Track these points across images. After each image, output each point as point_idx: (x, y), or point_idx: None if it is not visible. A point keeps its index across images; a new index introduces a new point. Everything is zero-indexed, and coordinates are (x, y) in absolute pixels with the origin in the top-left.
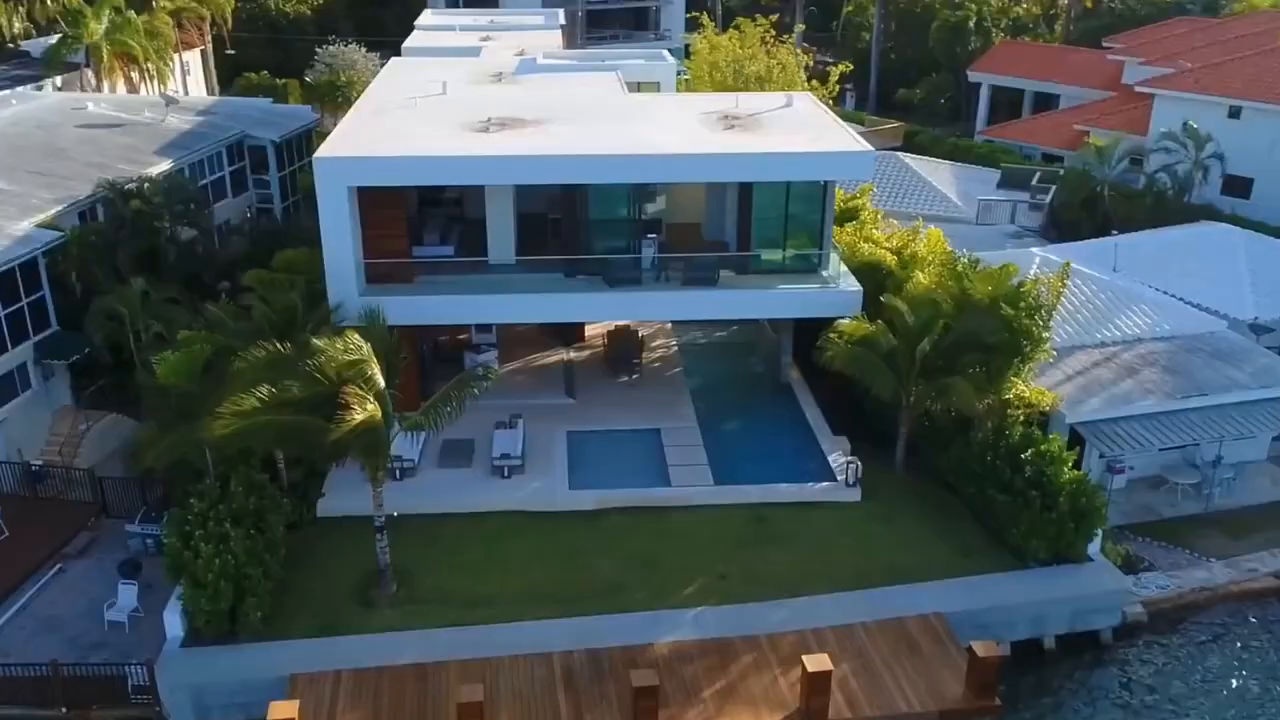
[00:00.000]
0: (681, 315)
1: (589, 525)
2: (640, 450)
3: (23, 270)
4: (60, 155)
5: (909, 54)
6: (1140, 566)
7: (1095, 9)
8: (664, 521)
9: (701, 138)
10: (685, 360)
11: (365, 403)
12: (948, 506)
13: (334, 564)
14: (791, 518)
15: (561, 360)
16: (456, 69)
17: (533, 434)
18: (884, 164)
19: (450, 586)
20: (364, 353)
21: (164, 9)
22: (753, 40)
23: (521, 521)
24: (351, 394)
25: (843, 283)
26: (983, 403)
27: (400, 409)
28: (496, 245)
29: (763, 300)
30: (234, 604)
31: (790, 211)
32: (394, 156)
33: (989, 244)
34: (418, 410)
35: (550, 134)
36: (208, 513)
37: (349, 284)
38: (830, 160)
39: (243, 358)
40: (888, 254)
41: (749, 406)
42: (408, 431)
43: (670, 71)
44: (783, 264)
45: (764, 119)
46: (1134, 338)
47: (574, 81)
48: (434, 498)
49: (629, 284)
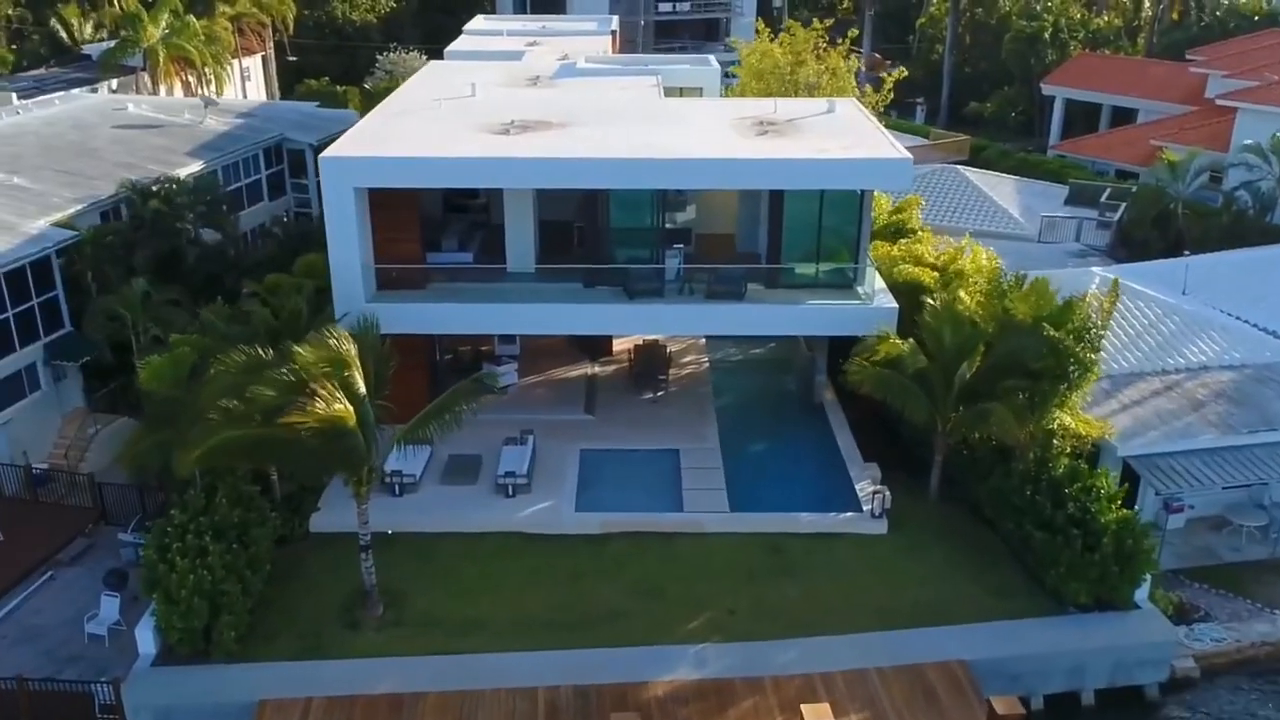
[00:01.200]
0: (704, 330)
1: (593, 550)
2: (655, 472)
3: (34, 269)
4: (91, 155)
5: (982, 67)
6: (1194, 616)
7: (1182, 21)
8: (673, 548)
9: (730, 143)
10: (715, 378)
11: (334, 401)
12: (983, 542)
13: (323, 582)
14: (810, 549)
15: (585, 375)
16: (493, 72)
17: (545, 451)
18: (942, 177)
19: (441, 610)
20: (344, 355)
21: (224, 14)
22: (803, 46)
23: (522, 543)
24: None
25: (877, 300)
26: (1023, 431)
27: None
28: (516, 253)
29: (791, 316)
30: (208, 622)
31: (824, 223)
32: (399, 157)
33: (1049, 263)
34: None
35: (571, 137)
36: (188, 525)
37: (355, 289)
38: (863, 168)
39: (221, 362)
40: (927, 271)
41: (777, 428)
42: (400, 445)
43: (714, 76)
44: (815, 278)
45: (802, 125)
46: (1200, 365)
47: (610, 85)
48: (432, 515)
49: (650, 296)
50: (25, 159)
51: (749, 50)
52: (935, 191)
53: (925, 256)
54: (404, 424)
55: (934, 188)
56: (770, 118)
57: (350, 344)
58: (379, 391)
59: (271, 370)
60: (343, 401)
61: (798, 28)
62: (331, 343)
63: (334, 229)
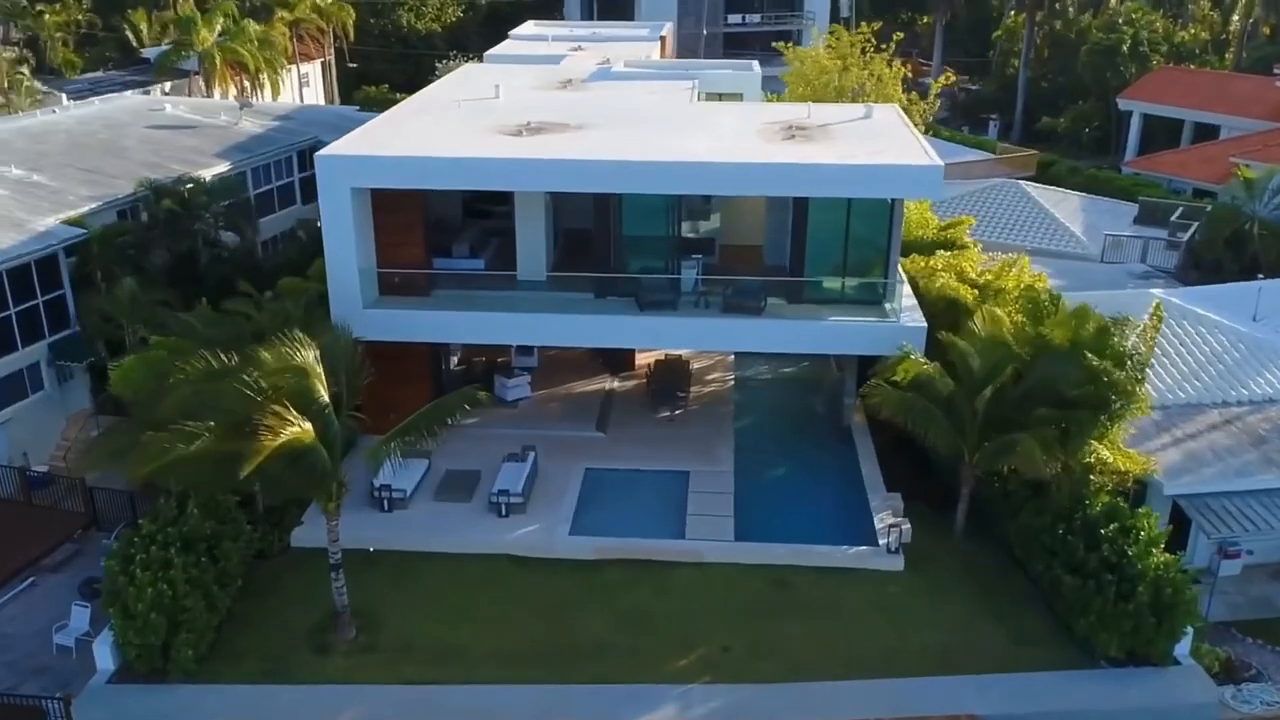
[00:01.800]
0: (719, 346)
1: (584, 577)
2: (661, 495)
3: (39, 267)
4: (117, 154)
5: (1060, 81)
6: (1244, 674)
7: (1274, 36)
8: (669, 578)
9: (752, 148)
10: (739, 396)
11: (285, 424)
12: (1011, 585)
13: (299, 600)
14: (818, 585)
15: (603, 390)
16: (526, 75)
17: (548, 469)
18: (1001, 193)
19: (417, 635)
20: (302, 363)
21: (282, 20)
22: (848, 51)
23: (510, 567)
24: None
25: (904, 317)
26: (1051, 465)
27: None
28: (526, 260)
29: (811, 334)
30: (166, 639)
31: (851, 233)
32: (396, 156)
33: (1109, 284)
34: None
35: (584, 139)
36: (156, 535)
37: (352, 294)
38: (888, 174)
39: (181, 369)
40: (963, 288)
41: (798, 452)
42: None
43: (754, 82)
44: (841, 294)
45: (834, 130)
46: (1266, 399)
47: (641, 90)
48: (419, 534)
49: (663, 308)
50: (50, 156)
51: (795, 56)
52: (993, 207)
53: (968, 272)
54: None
55: (992, 203)
56: (802, 123)
57: (310, 351)
58: (350, 402)
59: (232, 378)
60: (297, 420)
61: (842, 32)
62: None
63: (330, 231)
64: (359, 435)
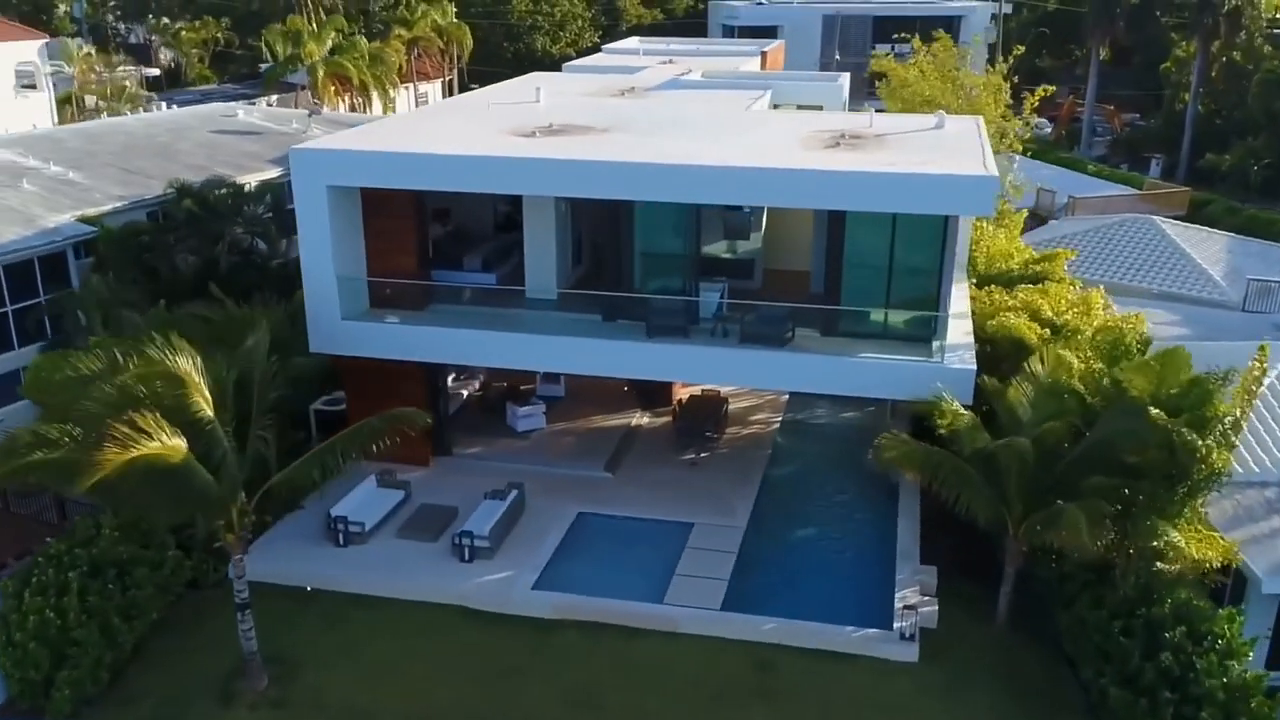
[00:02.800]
0: (732, 381)
1: (538, 639)
2: (654, 548)
3: (44, 264)
4: (168, 156)
5: (1236, 116)
6: None
7: None
8: (633, 649)
9: (786, 155)
10: (782, 441)
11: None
12: (1054, 691)
13: (221, 640)
14: (809, 671)
15: (627, 426)
16: (588, 83)
17: (538, 509)
18: (1129, 229)
19: (333, 692)
20: (177, 370)
21: (399, 38)
22: (942, 64)
23: (458, 620)
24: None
25: (948, 357)
26: (1098, 542)
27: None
28: (536, 275)
29: (836, 371)
30: (51, 673)
31: (895, 256)
32: (372, 152)
33: (1246, 335)
34: (428, 465)
35: (600, 142)
36: (62, 556)
37: (329, 304)
38: (925, 185)
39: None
40: (1025, 324)
41: (828, 510)
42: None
43: (836, 93)
44: (885, 327)
45: (891, 140)
46: None
47: (702, 98)
48: (368, 574)
49: (672, 335)
50: (98, 156)
51: (885, 66)
52: (1119, 244)
53: (1043, 309)
54: (387, 463)
55: (1119, 240)
56: (858, 131)
57: (186, 358)
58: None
59: (101, 383)
60: (157, 433)
61: (947, 40)
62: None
63: (305, 233)
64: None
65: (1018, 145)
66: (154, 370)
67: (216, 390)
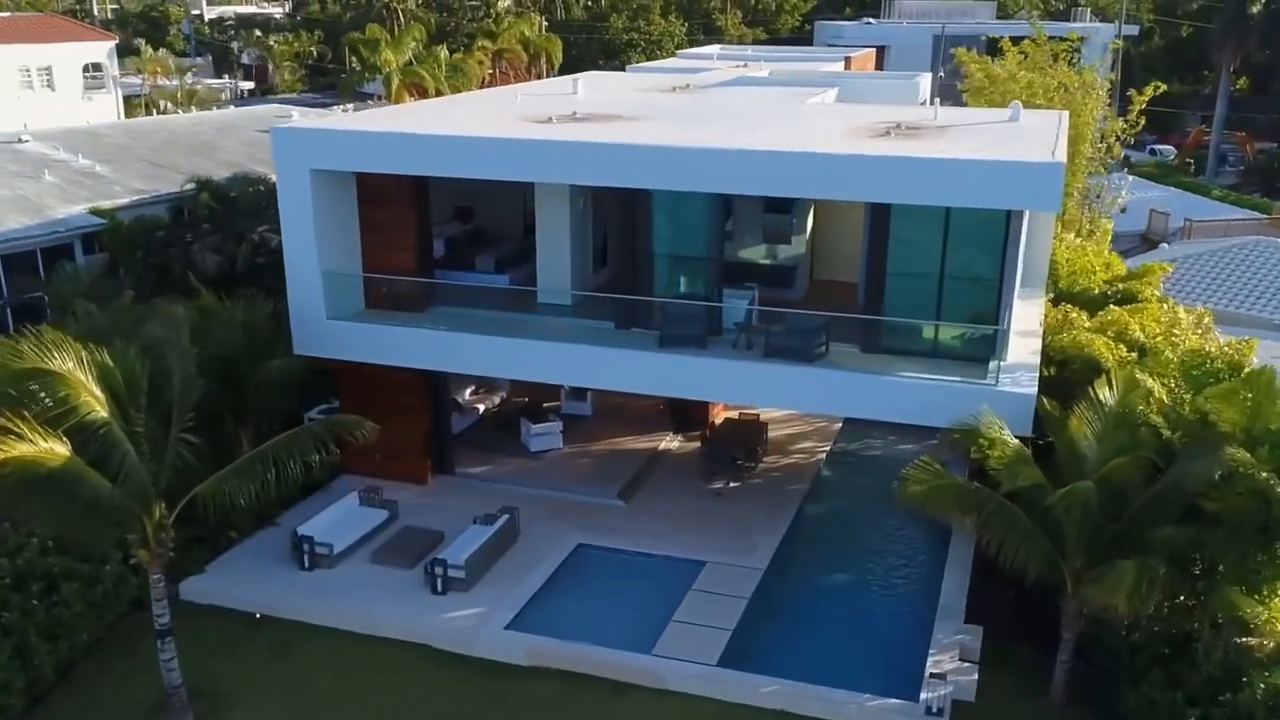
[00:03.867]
0: (754, 399)
1: (506, 688)
2: (656, 589)
3: (48, 256)
4: (206, 153)
5: None
6: None
7: None
8: (613, 706)
9: (823, 143)
10: (828, 473)
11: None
12: None
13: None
14: None
15: (653, 449)
16: (643, 81)
17: (534, 538)
18: (1249, 252)
19: None
20: (56, 367)
21: (483, 49)
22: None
23: (420, 661)
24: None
25: (1003, 380)
26: (1150, 606)
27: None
28: (548, 276)
29: (871, 392)
30: None
31: (948, 260)
32: (357, 131)
33: None
34: (425, 484)
35: (618, 129)
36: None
37: (314, 302)
38: (974, 172)
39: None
40: (1100, 341)
41: (866, 554)
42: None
43: (911, 90)
44: (934, 343)
45: (952, 131)
46: None
47: (759, 94)
48: (326, 602)
49: (687, 345)
50: (134, 151)
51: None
52: (1236, 268)
53: (1132, 331)
54: (398, 478)
55: (1235, 264)
56: (917, 123)
57: (70, 356)
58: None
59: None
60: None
61: (1042, 34)
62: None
63: (288, 223)
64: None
65: (1118, 150)
66: (28, 370)
67: (127, 390)
